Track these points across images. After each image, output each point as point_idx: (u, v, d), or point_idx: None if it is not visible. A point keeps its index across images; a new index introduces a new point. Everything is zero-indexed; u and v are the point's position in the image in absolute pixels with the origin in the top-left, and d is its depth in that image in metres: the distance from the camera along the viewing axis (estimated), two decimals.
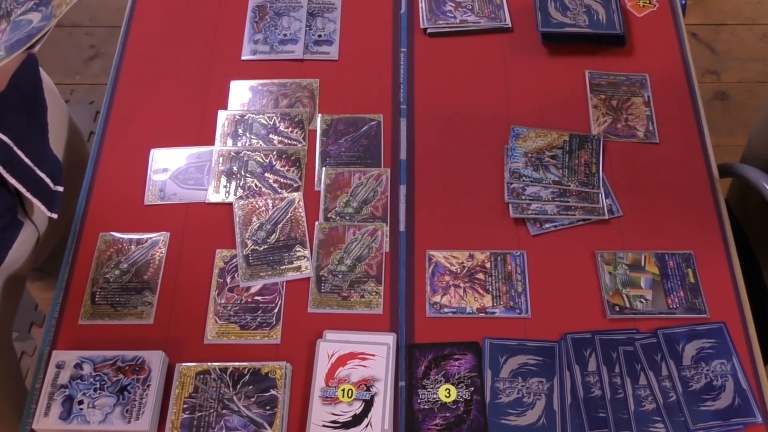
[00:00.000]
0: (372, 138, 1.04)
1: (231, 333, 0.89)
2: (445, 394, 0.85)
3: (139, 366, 0.84)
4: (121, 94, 1.09)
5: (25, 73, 0.92)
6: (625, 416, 0.83)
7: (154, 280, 0.93)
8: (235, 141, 1.04)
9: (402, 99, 1.07)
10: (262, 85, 1.09)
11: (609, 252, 0.94)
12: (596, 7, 1.12)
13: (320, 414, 0.82)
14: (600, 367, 0.86)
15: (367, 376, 0.85)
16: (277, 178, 1.00)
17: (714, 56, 2.22)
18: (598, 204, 0.97)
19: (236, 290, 0.92)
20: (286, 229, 0.96)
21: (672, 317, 0.90)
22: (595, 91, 1.07)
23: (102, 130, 1.06)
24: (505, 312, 0.90)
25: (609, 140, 1.03)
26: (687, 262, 0.93)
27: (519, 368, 0.86)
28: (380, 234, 0.95)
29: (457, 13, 1.14)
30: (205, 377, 0.85)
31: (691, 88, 1.08)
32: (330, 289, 0.92)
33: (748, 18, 2.29)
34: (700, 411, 0.83)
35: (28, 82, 0.93)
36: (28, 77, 0.93)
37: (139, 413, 0.81)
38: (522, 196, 0.97)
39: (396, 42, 1.13)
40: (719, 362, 0.86)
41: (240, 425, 0.82)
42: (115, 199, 1.00)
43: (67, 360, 0.85)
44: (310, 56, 1.11)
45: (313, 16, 1.15)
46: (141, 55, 1.13)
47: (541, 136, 1.02)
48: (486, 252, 0.94)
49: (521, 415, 0.84)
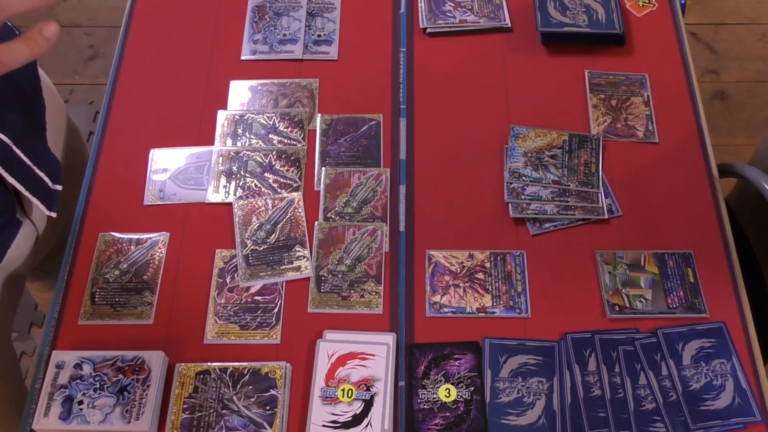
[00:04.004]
0: (371, 138, 1.04)
1: (231, 333, 0.89)
2: (445, 394, 0.85)
3: (139, 366, 0.84)
4: (121, 94, 1.09)
5: (23, 73, 0.92)
6: (625, 416, 0.83)
7: (153, 280, 0.93)
8: (235, 141, 1.04)
9: (401, 99, 1.07)
10: (261, 85, 1.09)
11: (609, 252, 0.94)
12: (596, 7, 1.12)
13: (320, 414, 0.82)
14: (600, 366, 0.86)
15: (367, 376, 0.85)
16: (277, 178, 1.00)
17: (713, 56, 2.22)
18: (598, 204, 0.97)
19: (236, 290, 0.92)
20: (286, 229, 0.96)
21: (672, 317, 0.90)
22: (595, 91, 1.07)
23: (101, 130, 1.06)
24: (504, 312, 0.90)
25: (608, 140, 1.03)
26: (687, 262, 0.93)
27: (519, 368, 0.86)
28: (380, 234, 0.95)
29: (457, 12, 1.14)
30: (204, 377, 0.85)
31: (690, 88, 1.09)
32: (330, 289, 0.92)
33: (748, 17, 2.29)
34: (699, 410, 0.83)
35: (26, 81, 0.93)
36: (26, 77, 0.93)
37: (139, 413, 0.81)
38: (522, 196, 0.97)
39: (395, 42, 1.13)
40: (719, 362, 0.86)
41: (240, 425, 0.82)
42: (114, 199, 1.00)
43: (66, 360, 0.85)
44: (310, 56, 1.11)
45: (313, 16, 1.15)
46: (140, 55, 1.13)
47: (540, 135, 1.02)
48: (486, 252, 0.94)
49: (521, 414, 0.84)
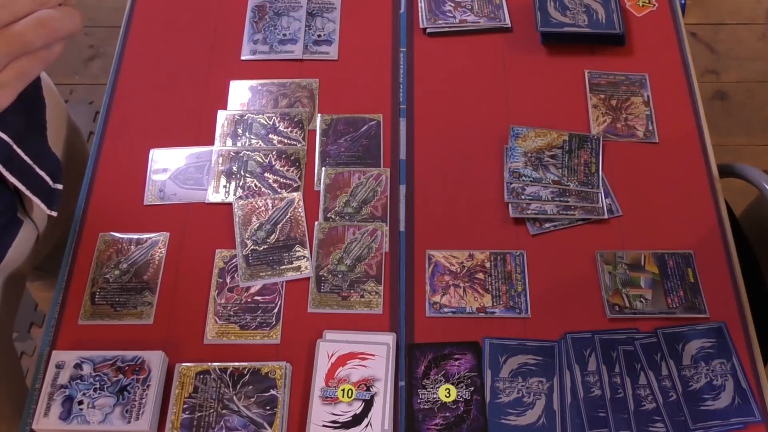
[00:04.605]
0: (371, 138, 1.04)
1: (231, 333, 0.89)
2: (445, 394, 0.85)
3: (139, 366, 0.84)
4: (121, 94, 1.09)
5: None
6: (625, 416, 0.83)
7: (153, 280, 0.93)
8: (235, 141, 1.04)
9: (401, 99, 1.07)
10: (261, 85, 1.09)
11: (609, 252, 0.94)
12: (596, 7, 1.12)
13: (320, 414, 0.82)
14: (600, 366, 0.86)
15: (367, 376, 0.85)
16: (277, 178, 1.00)
17: (713, 56, 2.22)
18: (598, 204, 0.97)
19: (236, 290, 0.92)
20: (286, 229, 0.96)
21: (672, 317, 0.90)
22: (595, 91, 1.07)
23: (102, 130, 1.06)
24: (504, 312, 0.90)
25: (608, 140, 1.03)
26: (687, 262, 0.93)
27: (519, 368, 0.86)
28: (380, 234, 0.95)
29: (457, 12, 1.14)
30: (204, 377, 0.85)
31: (690, 88, 1.08)
32: (330, 289, 0.92)
33: (748, 17, 2.29)
34: (699, 410, 0.83)
35: None
36: None
37: (139, 413, 0.81)
38: (522, 196, 0.97)
39: (395, 42, 1.13)
40: (719, 362, 0.86)
41: (240, 425, 0.82)
42: (114, 199, 1.00)
43: (66, 360, 0.85)
44: (310, 56, 1.11)
45: (313, 16, 1.15)
46: (140, 55, 1.13)
47: (540, 135, 1.02)
48: (486, 252, 0.94)
49: (521, 414, 0.84)
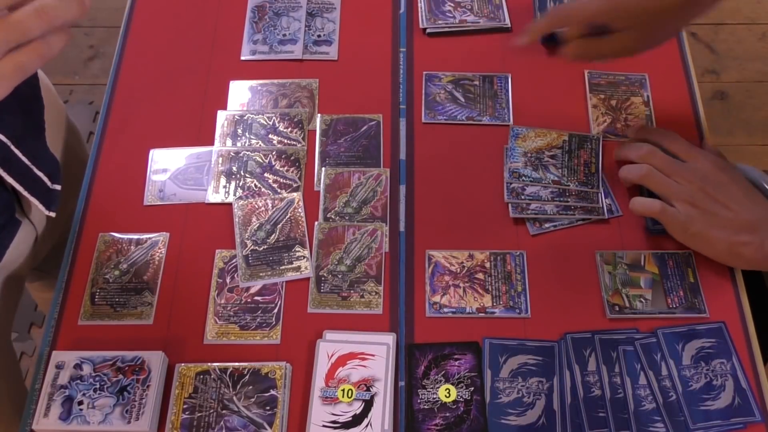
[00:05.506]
0: (371, 138, 1.04)
1: (231, 333, 0.89)
2: (445, 394, 0.85)
3: (139, 366, 0.84)
4: (121, 94, 1.09)
5: None
6: (625, 416, 0.83)
7: (153, 280, 0.93)
8: (235, 141, 1.03)
9: (401, 99, 1.07)
10: (261, 86, 1.09)
11: (609, 252, 0.94)
12: None
13: (320, 414, 0.82)
14: (600, 366, 0.86)
15: (367, 376, 0.85)
16: (277, 179, 1.00)
17: (713, 56, 2.22)
18: (598, 204, 0.97)
19: (236, 290, 0.92)
20: (286, 230, 0.96)
21: (672, 317, 0.90)
22: (595, 91, 1.07)
23: (101, 130, 1.06)
24: (504, 312, 0.90)
25: (608, 140, 1.03)
26: (687, 262, 0.93)
27: (519, 368, 0.86)
28: (380, 234, 0.95)
29: (457, 13, 1.14)
30: (204, 377, 0.85)
31: (690, 88, 1.08)
32: (330, 289, 0.92)
33: (748, 17, 2.29)
34: (699, 410, 0.83)
35: (24, 82, 0.93)
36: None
37: (139, 413, 0.81)
38: (521, 196, 0.97)
39: (395, 42, 1.13)
40: (719, 362, 0.86)
41: (240, 425, 0.82)
42: (114, 199, 1.00)
43: (66, 360, 0.85)
44: (310, 56, 1.11)
45: (313, 16, 1.15)
46: (140, 55, 1.13)
47: (540, 135, 1.02)
48: (485, 252, 0.94)
49: (521, 414, 0.84)
